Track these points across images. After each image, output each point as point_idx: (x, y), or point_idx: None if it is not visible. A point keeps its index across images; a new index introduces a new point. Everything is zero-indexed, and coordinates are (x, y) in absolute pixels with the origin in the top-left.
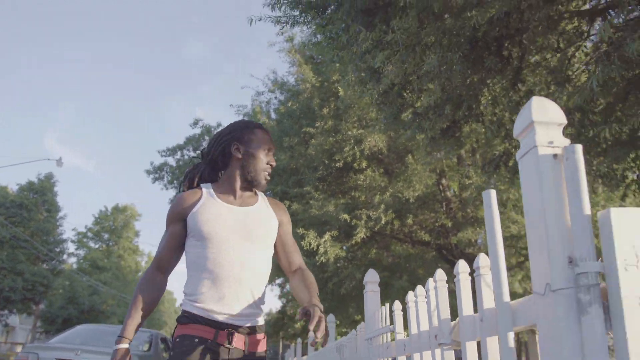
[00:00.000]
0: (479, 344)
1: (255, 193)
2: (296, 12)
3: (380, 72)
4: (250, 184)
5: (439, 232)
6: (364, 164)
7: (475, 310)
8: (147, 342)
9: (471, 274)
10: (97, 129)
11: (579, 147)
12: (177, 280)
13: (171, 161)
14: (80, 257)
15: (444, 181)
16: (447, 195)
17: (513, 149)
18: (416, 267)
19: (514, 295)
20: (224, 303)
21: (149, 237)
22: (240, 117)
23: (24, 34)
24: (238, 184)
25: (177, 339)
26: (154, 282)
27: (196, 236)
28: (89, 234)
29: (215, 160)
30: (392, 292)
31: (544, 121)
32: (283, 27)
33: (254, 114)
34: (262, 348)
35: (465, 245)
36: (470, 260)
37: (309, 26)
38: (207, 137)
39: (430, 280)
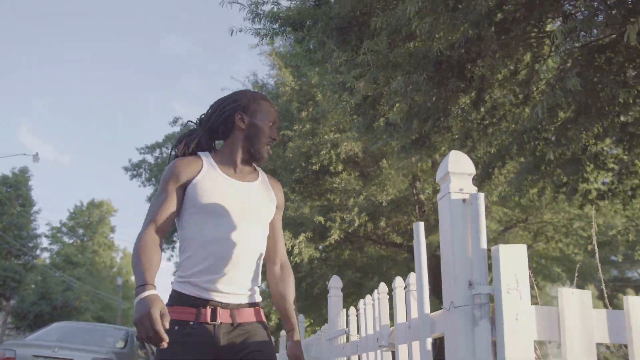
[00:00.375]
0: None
1: (255, 168)
2: (275, 25)
3: (352, 87)
4: (251, 157)
5: (412, 235)
6: (340, 167)
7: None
8: (123, 340)
9: (405, 288)
10: (72, 122)
11: (481, 195)
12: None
13: (150, 158)
14: (53, 252)
15: (417, 184)
16: (421, 198)
17: (478, 159)
18: (388, 269)
19: None
20: (218, 281)
21: (125, 233)
22: None
23: (22, 33)
24: (239, 156)
25: None
26: (156, 243)
27: (196, 208)
28: (64, 229)
29: (215, 129)
30: (364, 292)
31: (457, 172)
32: (262, 38)
33: None
34: (258, 317)
35: (435, 248)
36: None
37: (287, 39)
38: None
39: (376, 291)
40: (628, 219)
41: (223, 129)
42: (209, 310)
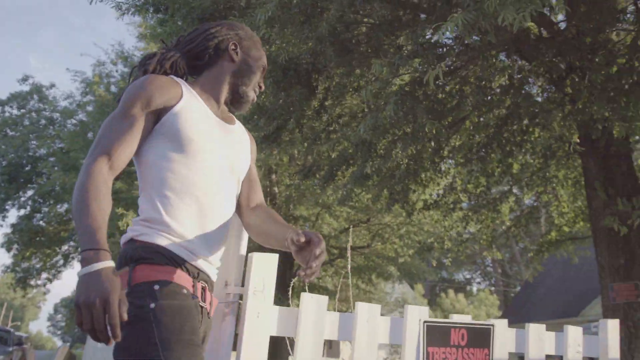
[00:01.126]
0: None
1: (229, 113)
2: (138, 2)
3: None
4: (234, 99)
5: None
6: None
7: None
8: None
9: None
10: None
11: None
12: None
13: None
14: None
15: (273, 177)
16: (274, 190)
17: (325, 161)
18: None
19: (323, 290)
20: (206, 242)
21: None
22: (77, 84)
23: None
24: (223, 93)
25: (158, 286)
26: (109, 185)
27: (175, 143)
28: None
29: (198, 54)
30: None
31: None
32: (124, 13)
33: (92, 84)
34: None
35: None
36: (288, 255)
37: (150, 17)
38: (36, 96)
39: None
40: (445, 228)
41: (210, 56)
42: (199, 285)
